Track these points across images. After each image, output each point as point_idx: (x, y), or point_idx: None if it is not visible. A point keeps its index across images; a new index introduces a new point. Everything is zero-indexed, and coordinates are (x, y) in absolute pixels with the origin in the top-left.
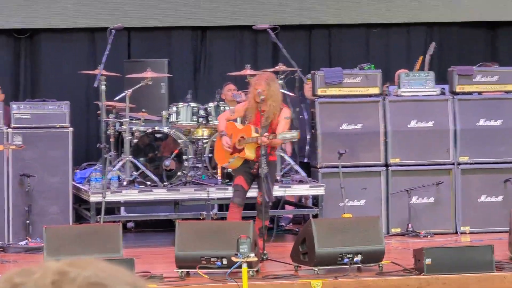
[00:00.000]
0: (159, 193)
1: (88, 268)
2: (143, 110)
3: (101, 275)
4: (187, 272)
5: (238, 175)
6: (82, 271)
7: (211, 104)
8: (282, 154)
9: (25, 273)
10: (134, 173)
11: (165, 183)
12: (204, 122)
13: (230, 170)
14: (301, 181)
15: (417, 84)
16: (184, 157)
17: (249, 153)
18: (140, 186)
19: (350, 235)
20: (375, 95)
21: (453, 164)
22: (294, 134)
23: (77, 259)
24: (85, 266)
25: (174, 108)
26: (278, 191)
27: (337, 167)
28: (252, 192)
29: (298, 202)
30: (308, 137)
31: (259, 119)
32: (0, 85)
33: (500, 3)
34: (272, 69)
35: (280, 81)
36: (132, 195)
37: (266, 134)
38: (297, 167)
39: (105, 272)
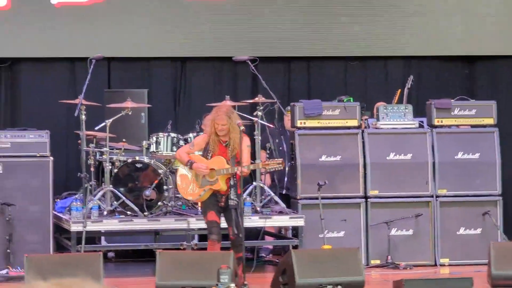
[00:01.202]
0: (140, 223)
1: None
2: (123, 140)
3: None
4: None
5: (209, 210)
6: None
7: (191, 135)
8: (262, 185)
9: None
10: (115, 202)
11: (146, 213)
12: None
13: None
14: (281, 212)
15: (395, 117)
16: (165, 187)
17: (223, 185)
18: (120, 216)
19: (330, 266)
20: (354, 127)
21: (432, 196)
22: (280, 162)
23: (64, 279)
24: (72, 286)
25: (154, 138)
26: (258, 221)
27: (316, 198)
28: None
29: (278, 233)
30: (287, 168)
31: (225, 151)
32: None
33: (477, 37)
34: (251, 101)
35: (259, 113)
36: (113, 224)
37: (246, 164)
38: (276, 198)
39: None
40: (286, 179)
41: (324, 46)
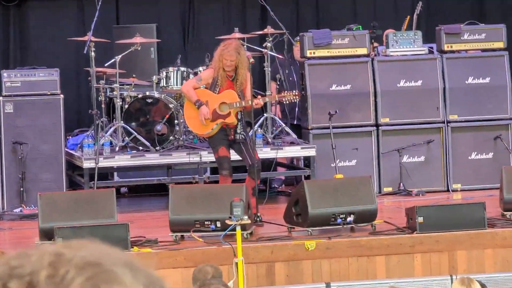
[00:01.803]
0: (152, 158)
1: (84, 249)
2: (133, 75)
3: (97, 255)
4: (182, 236)
5: (219, 146)
6: (77, 252)
7: (201, 68)
8: (272, 116)
9: (22, 256)
10: (126, 138)
11: (157, 148)
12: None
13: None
14: (292, 143)
15: (405, 43)
16: (176, 121)
17: (234, 118)
18: (132, 151)
19: (343, 195)
20: (364, 55)
21: (443, 122)
22: (296, 94)
23: (72, 241)
24: (81, 248)
25: (164, 73)
26: (270, 153)
27: (327, 128)
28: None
29: (290, 164)
30: (295, 101)
31: (231, 85)
32: None
33: None
34: (260, 32)
35: (268, 44)
36: (125, 160)
37: (259, 96)
38: (288, 129)
39: (100, 252)
40: (297, 109)
41: None
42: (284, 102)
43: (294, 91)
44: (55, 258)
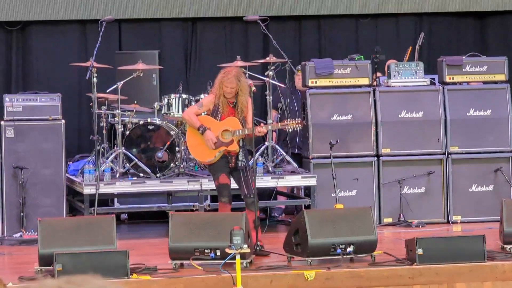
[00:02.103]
0: (152, 185)
1: (85, 285)
2: (135, 102)
3: None
4: (181, 263)
5: (220, 173)
6: (79, 287)
7: (202, 95)
8: (273, 144)
9: None
10: (127, 165)
11: (158, 175)
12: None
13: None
14: (293, 172)
15: (407, 74)
16: (177, 148)
17: (237, 146)
18: (133, 178)
19: (343, 225)
20: (366, 85)
21: (444, 154)
22: (298, 122)
23: (74, 276)
24: (82, 283)
25: (166, 100)
26: (270, 182)
27: (328, 157)
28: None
29: (291, 193)
30: (299, 128)
31: (233, 112)
32: None
33: None
34: (262, 60)
35: (270, 72)
36: (125, 186)
37: (262, 124)
38: (288, 158)
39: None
40: (298, 138)
41: (334, 4)
42: (287, 130)
43: (297, 119)
44: None
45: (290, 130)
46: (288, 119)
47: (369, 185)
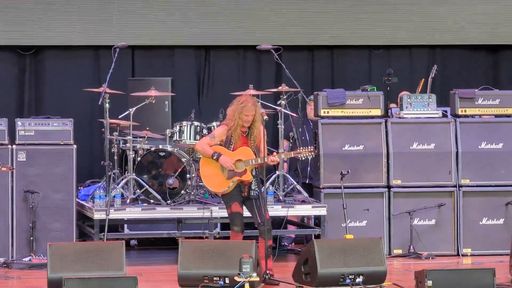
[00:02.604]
0: (162, 211)
1: None
2: (147, 128)
3: None
4: None
5: (232, 202)
6: None
7: (214, 123)
8: (285, 174)
9: None
10: (138, 191)
11: (168, 201)
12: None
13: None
14: (303, 201)
15: (419, 106)
16: (188, 175)
17: (250, 175)
18: (143, 204)
19: (352, 256)
20: (378, 116)
21: (455, 186)
22: (311, 150)
23: None
24: None
25: (178, 127)
26: (280, 211)
27: (339, 187)
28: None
29: (301, 222)
30: (310, 158)
31: (246, 141)
32: (4, 101)
33: (501, 27)
34: (275, 90)
35: (283, 102)
36: (136, 213)
37: (275, 153)
38: (299, 187)
39: None
40: (309, 168)
41: (348, 34)
42: (300, 159)
43: (309, 147)
44: None
45: (303, 158)
46: (301, 148)
47: (379, 216)
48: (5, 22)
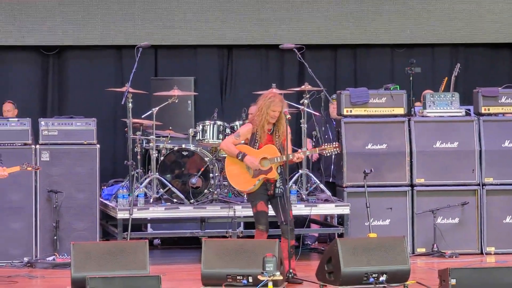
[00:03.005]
0: (186, 210)
1: None
2: (170, 128)
3: None
4: None
5: (258, 201)
6: None
7: (237, 123)
8: (308, 172)
9: None
10: (161, 190)
11: (192, 201)
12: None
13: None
14: (326, 200)
15: (442, 105)
16: (211, 175)
17: (276, 173)
18: (166, 203)
19: (376, 254)
20: (401, 115)
21: (478, 185)
22: (336, 146)
23: None
24: None
25: (201, 126)
26: (304, 209)
27: (362, 186)
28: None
29: (324, 221)
30: (333, 156)
31: (270, 139)
32: (28, 101)
33: None
34: (298, 89)
35: (305, 101)
36: (159, 212)
37: (302, 150)
38: (322, 186)
39: None
40: (332, 167)
41: (370, 33)
42: (325, 155)
43: (334, 143)
44: None
45: (328, 155)
46: (325, 144)
47: (402, 215)
48: (30, 22)
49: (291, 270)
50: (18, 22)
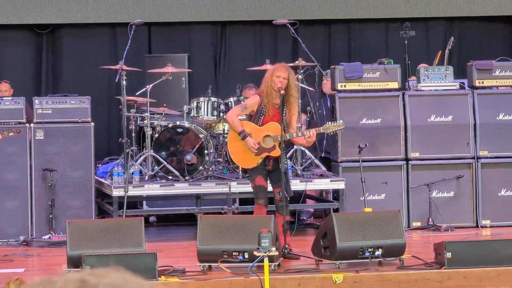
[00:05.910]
0: (181, 187)
1: (108, 276)
2: (164, 105)
3: (121, 282)
4: (209, 266)
5: (257, 175)
6: (102, 279)
7: (231, 99)
8: (303, 148)
9: (47, 282)
10: (156, 167)
11: (187, 178)
12: (224, 116)
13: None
14: (321, 175)
15: (436, 78)
16: (205, 151)
17: (279, 151)
18: (161, 181)
19: (371, 229)
20: (395, 89)
21: (473, 158)
22: (340, 124)
23: (96, 269)
24: (105, 275)
25: (195, 103)
26: (299, 185)
27: (357, 161)
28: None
29: (319, 196)
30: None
31: (276, 114)
32: (22, 80)
33: None
34: (292, 64)
35: (299, 76)
36: (154, 189)
37: (309, 129)
38: (317, 162)
39: (124, 279)
40: (325, 142)
41: (364, 8)
42: (330, 134)
43: (339, 122)
44: (80, 284)
45: (332, 133)
46: (330, 122)
47: (398, 189)
48: (23, 1)
49: (286, 246)
50: (11, 1)
